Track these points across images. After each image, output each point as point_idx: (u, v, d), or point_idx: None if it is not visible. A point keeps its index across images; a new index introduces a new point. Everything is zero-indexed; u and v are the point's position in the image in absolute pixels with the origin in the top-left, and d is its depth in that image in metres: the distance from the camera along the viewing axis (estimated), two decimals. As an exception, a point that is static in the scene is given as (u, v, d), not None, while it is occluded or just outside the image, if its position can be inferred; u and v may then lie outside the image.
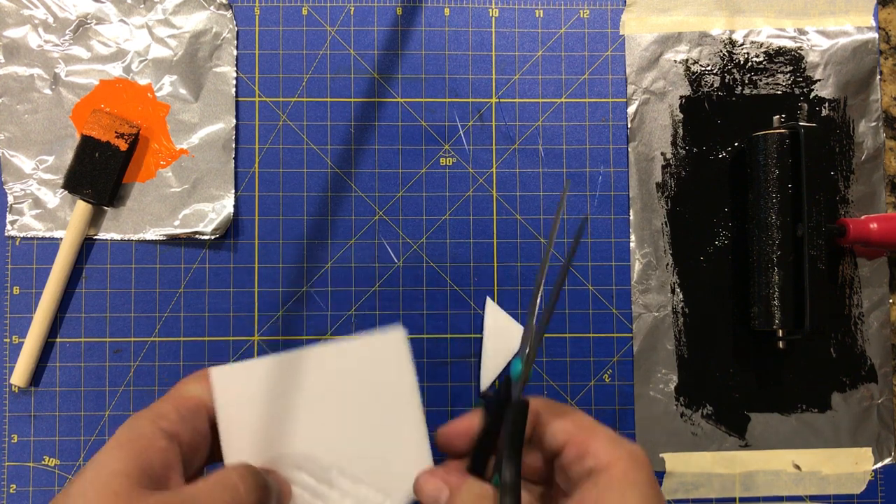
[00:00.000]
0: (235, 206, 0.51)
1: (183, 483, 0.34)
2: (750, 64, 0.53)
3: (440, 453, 0.37)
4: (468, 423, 0.35)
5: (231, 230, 0.51)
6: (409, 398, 0.38)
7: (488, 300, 0.51)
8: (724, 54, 0.53)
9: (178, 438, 0.34)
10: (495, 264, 0.52)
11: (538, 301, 0.36)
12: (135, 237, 0.51)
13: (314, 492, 0.37)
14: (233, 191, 0.51)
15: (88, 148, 0.49)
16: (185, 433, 0.35)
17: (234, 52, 0.52)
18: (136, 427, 0.33)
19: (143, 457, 0.32)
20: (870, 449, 0.51)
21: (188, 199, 0.51)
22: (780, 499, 0.51)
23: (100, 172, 0.49)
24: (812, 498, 0.51)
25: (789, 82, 0.53)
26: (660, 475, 0.51)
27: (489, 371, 0.50)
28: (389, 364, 0.38)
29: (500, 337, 0.51)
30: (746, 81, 0.53)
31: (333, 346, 0.38)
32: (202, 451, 0.36)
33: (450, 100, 0.52)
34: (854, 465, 0.51)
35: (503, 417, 0.34)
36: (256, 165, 0.52)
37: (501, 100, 0.52)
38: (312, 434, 0.37)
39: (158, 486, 0.32)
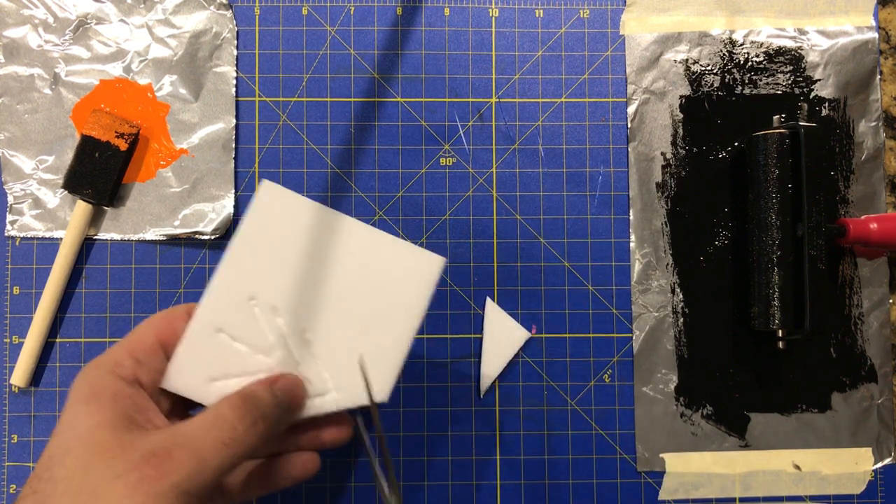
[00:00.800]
0: (235, 206, 0.51)
1: (166, 422, 0.34)
2: (750, 64, 0.53)
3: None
4: None
5: (231, 230, 0.51)
6: (410, 319, 0.39)
7: (488, 300, 0.51)
8: (724, 54, 0.53)
9: (140, 382, 0.34)
10: (495, 264, 0.52)
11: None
12: (135, 237, 0.51)
13: (280, 338, 0.38)
14: (233, 191, 0.51)
15: (88, 148, 0.49)
16: (144, 376, 0.35)
17: (234, 52, 0.52)
18: (95, 379, 0.33)
19: (114, 405, 0.32)
20: (870, 449, 0.51)
21: (188, 199, 0.51)
22: (780, 499, 0.51)
23: (100, 172, 0.49)
24: (812, 498, 0.51)
25: (789, 82, 0.53)
26: (660, 475, 0.51)
27: (489, 371, 0.50)
28: (413, 278, 0.39)
29: (501, 337, 0.51)
30: (746, 81, 0.53)
31: (377, 234, 0.39)
32: (168, 392, 0.36)
33: (450, 100, 0.52)
34: (854, 465, 0.51)
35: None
36: (256, 165, 0.52)
37: (501, 100, 0.52)
38: (309, 295, 0.38)
39: (143, 430, 0.32)
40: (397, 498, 0.39)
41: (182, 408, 0.38)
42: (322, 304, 0.38)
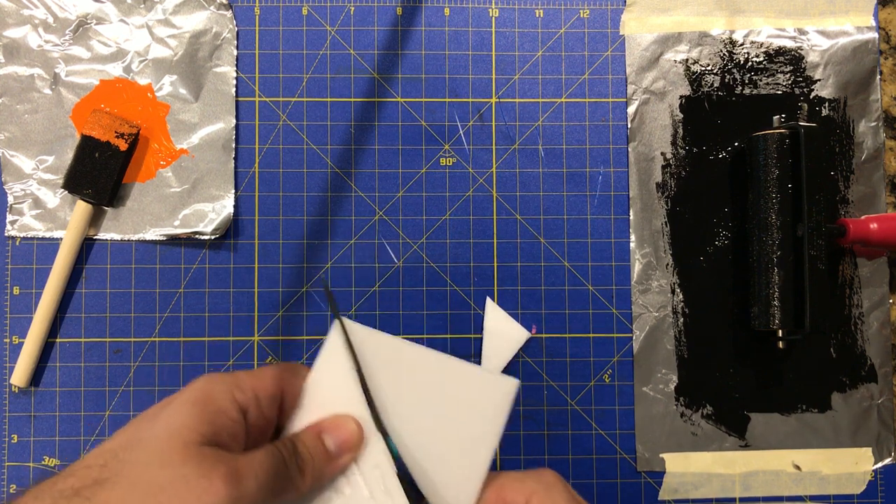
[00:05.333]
0: (235, 206, 0.51)
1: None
2: (750, 64, 0.53)
3: None
4: None
5: (231, 230, 0.51)
6: (484, 447, 0.37)
7: (488, 300, 0.51)
8: (724, 54, 0.53)
9: (247, 414, 0.34)
10: (495, 264, 0.52)
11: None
12: (135, 237, 0.51)
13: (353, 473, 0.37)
14: (233, 191, 0.51)
15: (88, 148, 0.49)
16: (254, 413, 0.35)
17: (234, 52, 0.52)
18: (212, 390, 0.34)
19: (215, 420, 0.33)
20: (870, 449, 0.51)
21: (188, 199, 0.51)
22: (780, 499, 0.51)
23: (100, 172, 0.49)
24: (812, 498, 0.51)
25: (789, 82, 0.53)
26: (660, 475, 0.51)
27: (499, 360, 0.50)
28: (486, 405, 0.37)
29: (501, 337, 0.51)
30: (746, 81, 0.53)
31: (449, 360, 0.38)
32: (262, 438, 0.36)
33: (450, 100, 0.52)
34: (854, 465, 0.51)
35: None
36: (256, 165, 0.52)
37: (501, 100, 0.52)
38: (380, 426, 0.38)
39: (216, 446, 0.33)
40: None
41: None
42: (395, 437, 0.38)
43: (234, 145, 0.51)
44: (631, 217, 0.52)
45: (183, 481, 0.30)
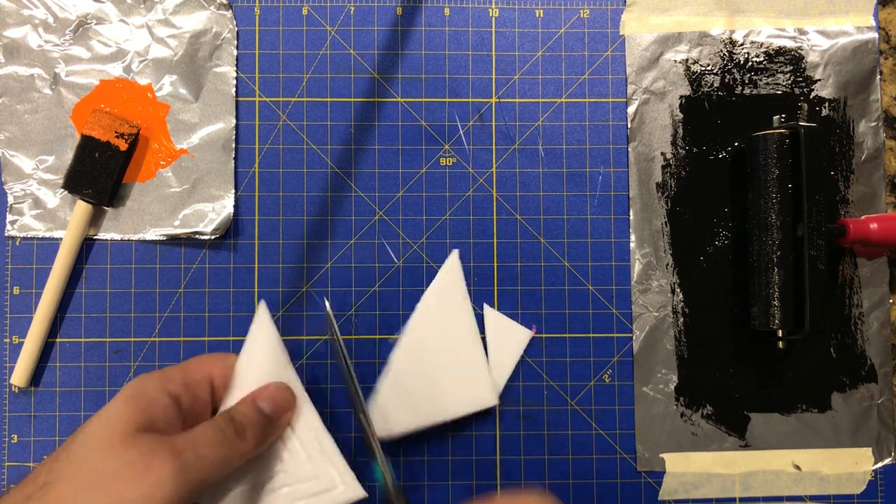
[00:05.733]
0: (235, 206, 0.51)
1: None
2: (750, 64, 0.53)
3: None
4: None
5: (231, 230, 0.51)
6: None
7: (486, 306, 0.51)
8: (724, 54, 0.53)
9: (179, 401, 0.38)
10: (495, 264, 0.52)
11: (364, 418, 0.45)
12: (135, 237, 0.51)
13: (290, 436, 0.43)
14: (233, 191, 0.51)
15: (88, 148, 0.49)
16: (186, 398, 0.39)
17: (234, 52, 0.52)
18: (143, 385, 0.37)
19: (148, 409, 0.36)
20: (870, 449, 0.51)
21: (188, 199, 0.51)
22: (780, 499, 0.51)
23: (100, 172, 0.49)
24: (812, 498, 0.51)
25: (789, 82, 0.53)
26: (660, 475, 0.51)
27: (499, 378, 0.50)
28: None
29: (504, 341, 0.51)
30: (746, 81, 0.53)
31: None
32: (201, 419, 0.40)
33: (450, 100, 0.52)
34: (854, 465, 0.51)
35: None
36: (256, 165, 0.52)
37: (501, 100, 0.52)
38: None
39: (152, 432, 0.36)
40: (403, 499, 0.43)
41: None
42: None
43: (234, 145, 0.51)
44: (631, 217, 0.52)
45: (127, 467, 0.33)
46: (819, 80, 0.53)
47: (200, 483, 0.35)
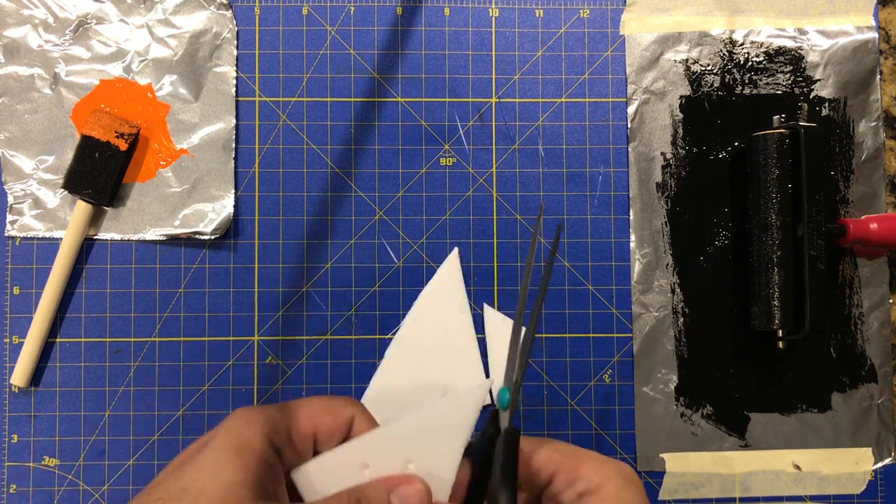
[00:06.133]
0: (235, 206, 0.51)
1: (288, 498, 0.34)
2: (750, 64, 0.53)
3: None
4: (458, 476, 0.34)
5: (231, 230, 0.51)
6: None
7: (486, 306, 0.51)
8: (724, 54, 0.53)
9: (281, 456, 0.34)
10: (495, 264, 0.52)
11: (522, 326, 0.36)
12: (135, 237, 0.51)
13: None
14: (233, 191, 0.51)
15: (88, 148, 0.49)
16: (288, 453, 0.34)
17: (234, 52, 0.52)
18: (250, 434, 0.33)
19: (260, 469, 0.32)
20: (870, 449, 0.51)
21: (188, 199, 0.51)
22: (780, 499, 0.51)
23: (100, 172, 0.49)
24: (812, 498, 0.51)
25: (789, 82, 0.53)
26: (660, 475, 0.51)
27: (499, 377, 0.50)
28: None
29: (503, 340, 0.51)
30: (746, 81, 0.53)
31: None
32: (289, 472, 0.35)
33: (450, 100, 0.52)
34: (854, 465, 0.51)
35: (492, 453, 0.33)
36: (256, 165, 0.52)
37: (501, 100, 0.52)
38: None
39: (271, 501, 0.32)
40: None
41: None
42: None
43: (234, 145, 0.51)
44: (631, 217, 0.52)
45: None
46: (819, 80, 0.53)
47: None
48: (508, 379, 0.35)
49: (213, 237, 0.51)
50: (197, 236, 0.50)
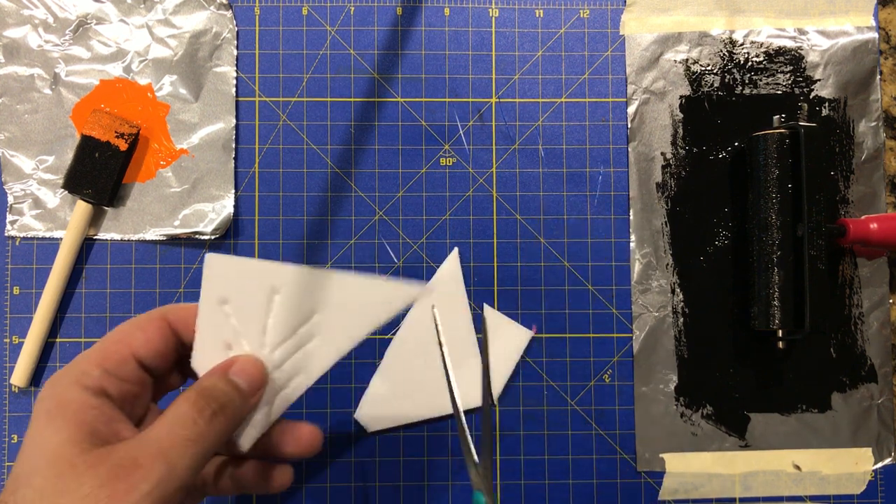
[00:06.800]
0: (235, 206, 0.51)
1: (135, 432, 0.33)
2: (750, 64, 0.53)
3: None
4: None
5: (231, 230, 0.51)
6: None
7: (486, 306, 0.51)
8: (724, 54, 0.53)
9: (107, 393, 0.33)
10: (495, 264, 0.52)
11: (470, 443, 0.37)
12: (135, 237, 0.51)
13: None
14: (233, 191, 0.51)
15: (88, 148, 0.49)
16: (113, 387, 0.33)
17: (234, 52, 0.52)
18: (60, 392, 0.32)
19: (80, 419, 0.31)
20: (870, 449, 0.51)
21: (188, 199, 0.51)
22: (780, 499, 0.51)
23: (100, 172, 0.49)
24: (812, 498, 0.51)
25: (789, 82, 0.53)
26: (660, 475, 0.51)
27: (499, 376, 0.50)
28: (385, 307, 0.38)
29: (504, 340, 0.51)
30: (746, 81, 0.53)
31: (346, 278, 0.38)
32: (142, 398, 0.35)
33: (450, 100, 0.52)
34: (854, 465, 0.51)
35: None
36: (256, 165, 0.52)
37: (501, 100, 0.52)
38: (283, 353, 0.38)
39: (110, 443, 0.31)
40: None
41: (155, 416, 0.36)
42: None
43: (234, 145, 0.51)
44: (631, 217, 0.52)
45: (87, 500, 0.28)
46: (819, 80, 0.53)
47: (178, 492, 0.30)
48: (480, 483, 0.36)
49: (213, 237, 0.51)
50: (197, 236, 0.50)
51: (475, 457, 0.37)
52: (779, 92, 0.53)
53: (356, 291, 0.37)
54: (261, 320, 0.37)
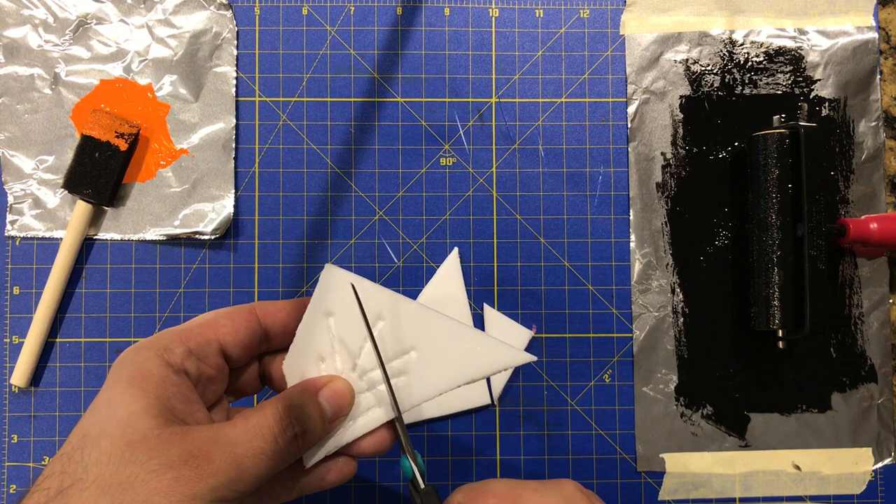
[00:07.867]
0: (235, 206, 0.51)
1: (208, 417, 0.33)
2: (750, 64, 0.53)
3: None
4: None
5: (231, 230, 0.51)
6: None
7: (486, 306, 0.51)
8: (724, 54, 0.53)
9: (187, 372, 0.32)
10: (495, 264, 0.52)
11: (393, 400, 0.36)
12: (135, 237, 0.51)
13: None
14: (233, 191, 0.51)
15: (88, 148, 0.49)
16: (192, 367, 0.33)
17: (234, 52, 0.52)
18: (142, 361, 0.31)
19: (159, 392, 0.30)
20: (870, 449, 0.51)
21: (188, 199, 0.51)
22: (780, 499, 0.51)
23: (100, 172, 0.49)
24: (812, 498, 0.51)
25: (789, 82, 0.53)
26: (660, 475, 0.51)
27: (500, 377, 0.50)
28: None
29: (504, 340, 0.51)
30: (746, 81, 0.53)
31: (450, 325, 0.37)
32: (216, 385, 0.35)
33: (450, 100, 0.52)
34: (854, 465, 0.51)
35: None
36: (256, 165, 0.52)
37: (501, 100, 0.52)
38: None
39: (185, 422, 0.31)
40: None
41: (226, 404, 0.36)
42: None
43: (234, 145, 0.51)
44: (631, 217, 0.52)
45: (154, 476, 0.28)
46: (819, 80, 0.53)
47: (239, 497, 0.30)
48: (405, 448, 0.36)
49: (213, 237, 0.51)
50: (197, 236, 0.50)
51: (395, 411, 0.36)
52: (779, 92, 0.53)
53: (461, 341, 0.36)
54: (359, 342, 0.36)
